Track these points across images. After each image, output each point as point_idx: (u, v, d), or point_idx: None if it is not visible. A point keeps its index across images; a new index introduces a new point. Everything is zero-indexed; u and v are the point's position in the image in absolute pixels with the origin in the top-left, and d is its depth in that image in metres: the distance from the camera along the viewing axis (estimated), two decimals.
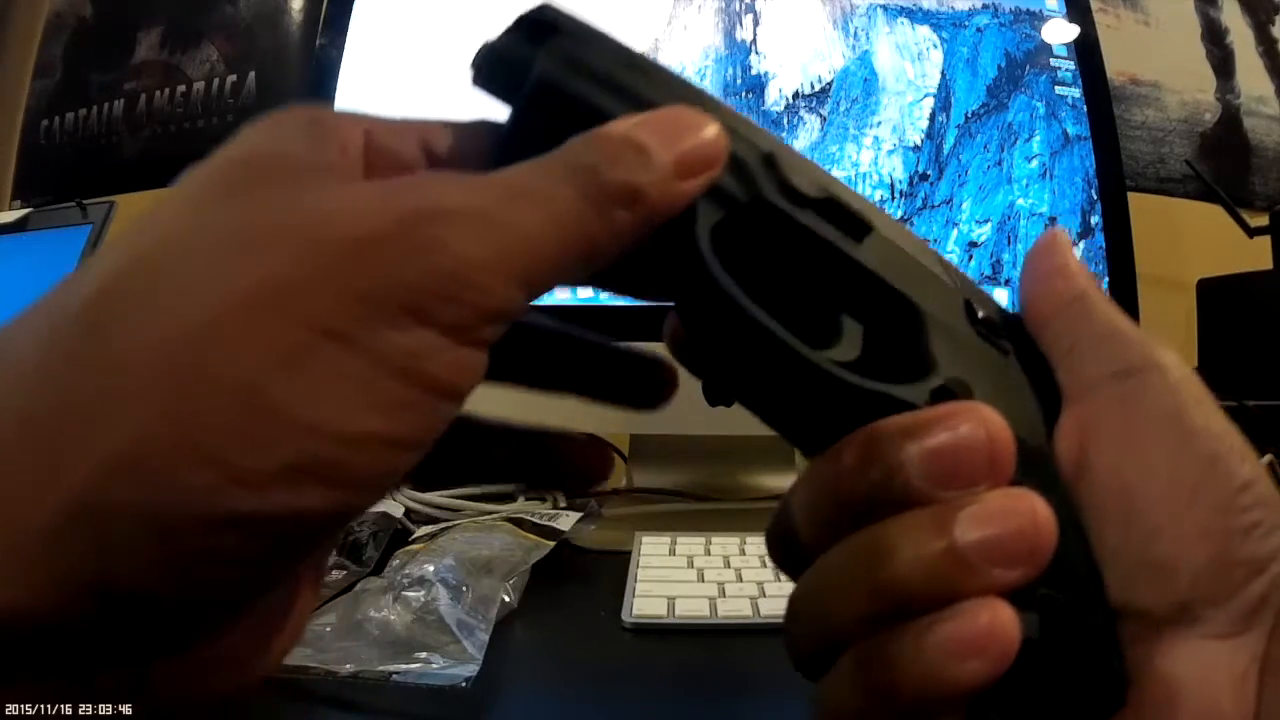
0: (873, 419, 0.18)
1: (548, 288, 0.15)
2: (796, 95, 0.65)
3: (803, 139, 0.64)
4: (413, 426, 0.14)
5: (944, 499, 0.16)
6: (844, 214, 0.19)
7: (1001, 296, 0.63)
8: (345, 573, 0.44)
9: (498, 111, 0.18)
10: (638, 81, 0.18)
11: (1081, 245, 0.65)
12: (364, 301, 0.13)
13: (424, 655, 0.35)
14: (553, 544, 0.48)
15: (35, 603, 0.12)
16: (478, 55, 0.18)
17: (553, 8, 0.18)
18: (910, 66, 0.66)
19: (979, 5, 0.68)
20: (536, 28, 0.18)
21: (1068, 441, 0.20)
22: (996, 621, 0.15)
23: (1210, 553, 0.17)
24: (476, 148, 0.18)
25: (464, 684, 0.33)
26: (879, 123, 0.65)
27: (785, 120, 0.64)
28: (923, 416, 0.17)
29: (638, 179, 0.16)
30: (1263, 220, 0.88)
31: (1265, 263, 0.85)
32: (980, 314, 0.21)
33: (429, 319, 0.14)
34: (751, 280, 0.19)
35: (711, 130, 0.17)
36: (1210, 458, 0.18)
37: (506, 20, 0.18)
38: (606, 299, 0.60)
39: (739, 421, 0.23)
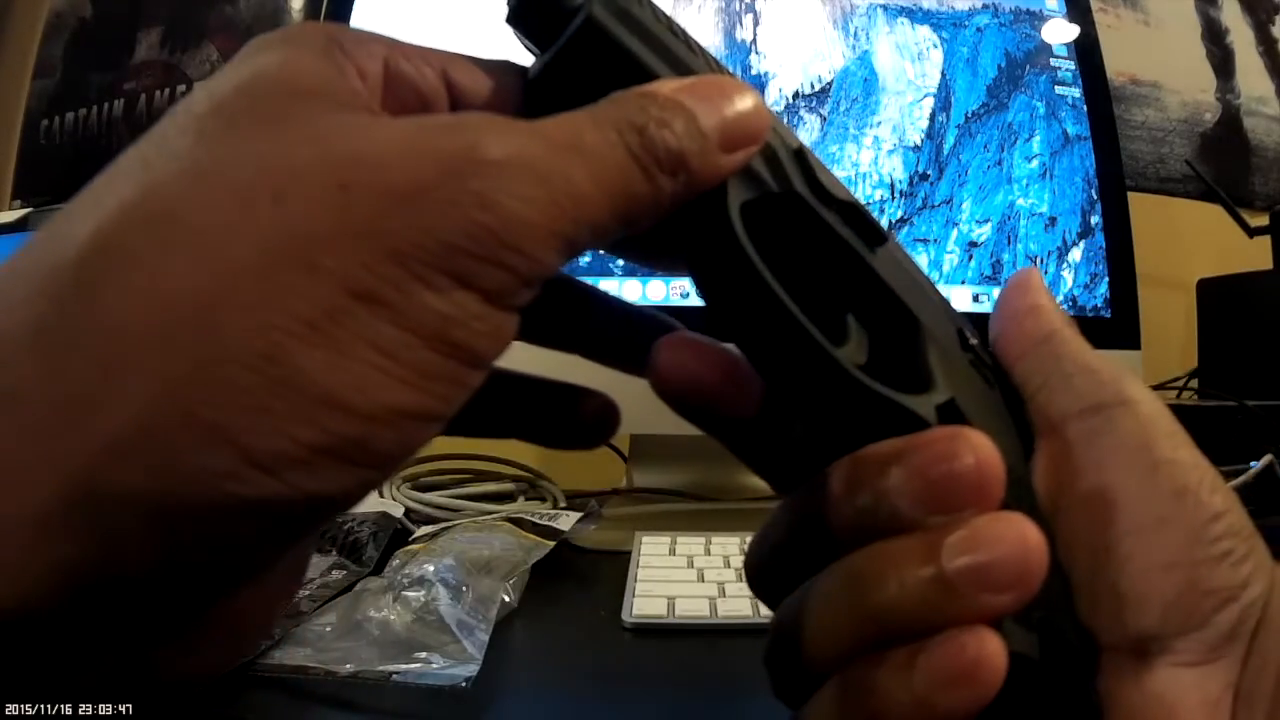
0: (880, 425, 0.17)
1: (586, 250, 0.14)
2: (796, 95, 0.65)
3: (803, 139, 0.64)
4: (440, 399, 0.13)
5: (932, 524, 0.16)
6: (864, 221, 0.20)
7: None
8: (345, 573, 0.44)
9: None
10: (680, 48, 0.17)
11: (1082, 245, 0.65)
12: (401, 260, 0.12)
13: (424, 655, 0.35)
14: (553, 544, 0.47)
15: (27, 597, 0.11)
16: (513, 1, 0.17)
17: None
18: (910, 66, 0.66)
19: (979, 5, 0.68)
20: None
21: (1039, 477, 0.20)
22: (984, 650, 0.15)
23: (1180, 583, 0.17)
24: (501, 87, 0.17)
25: (464, 684, 0.33)
26: (879, 123, 0.65)
27: (785, 120, 0.64)
28: (911, 442, 0.16)
29: (684, 146, 0.15)
30: (1263, 220, 0.88)
31: (1265, 263, 0.86)
32: (972, 342, 0.21)
33: (469, 282, 0.12)
34: (770, 265, 0.18)
35: (754, 104, 0.16)
36: (1179, 490, 0.18)
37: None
38: None
39: None
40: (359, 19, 0.64)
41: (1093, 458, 0.19)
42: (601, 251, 0.19)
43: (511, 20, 0.17)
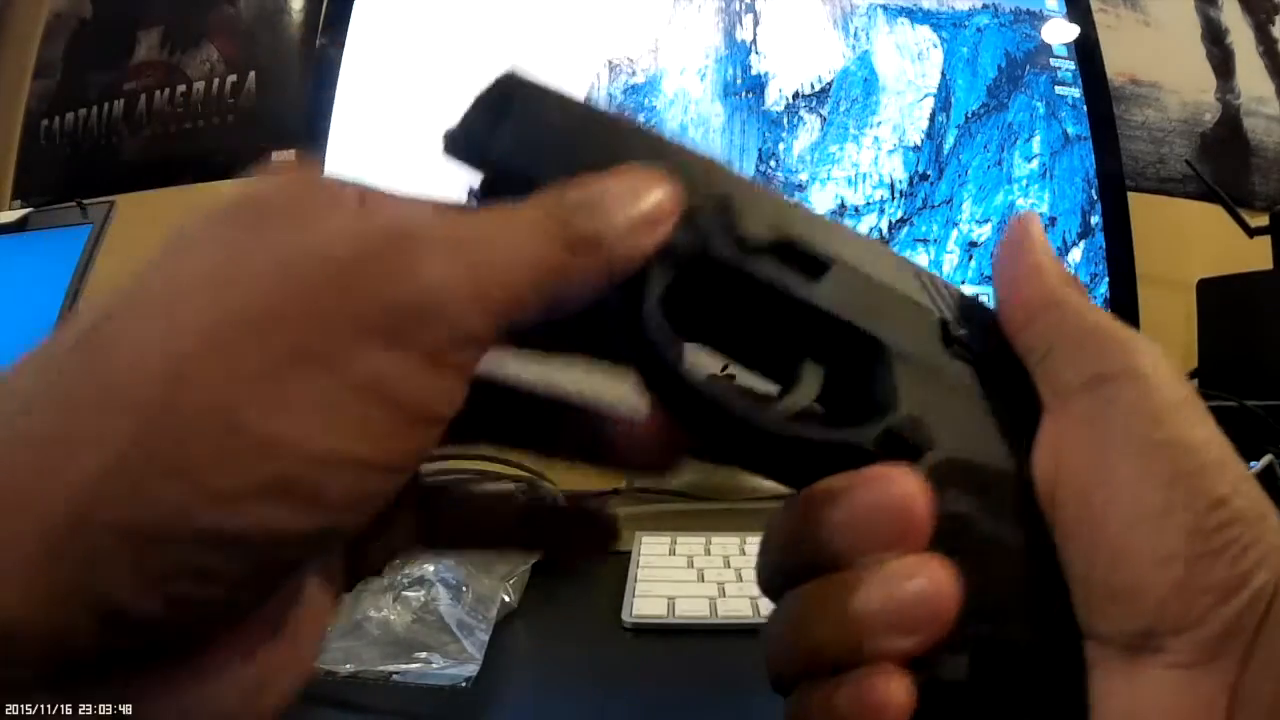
0: (822, 465, 0.18)
1: (519, 321, 0.16)
2: (796, 95, 0.65)
3: (803, 139, 0.64)
4: (387, 450, 0.14)
5: (862, 564, 0.17)
6: (799, 254, 0.20)
7: None
8: None
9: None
10: (593, 143, 0.19)
11: (1082, 245, 0.65)
12: (338, 323, 0.14)
13: (424, 655, 0.35)
14: None
15: (33, 611, 0.12)
16: (444, 135, 0.19)
17: (508, 79, 0.19)
18: (910, 66, 0.66)
19: (979, 5, 0.68)
20: (495, 104, 0.19)
21: (1044, 456, 0.19)
22: (889, 693, 0.16)
23: (1175, 579, 0.17)
24: None
25: (464, 684, 0.33)
26: (879, 123, 0.65)
27: (785, 120, 0.64)
28: (842, 483, 0.18)
29: (598, 228, 0.17)
30: (1263, 220, 0.88)
31: (1265, 263, 0.85)
32: (957, 332, 0.21)
33: (402, 342, 0.14)
34: (715, 328, 0.20)
35: (663, 192, 0.18)
36: (1176, 476, 0.17)
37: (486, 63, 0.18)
38: None
39: None
40: (357, 21, 0.64)
41: (1092, 437, 0.18)
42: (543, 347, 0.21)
43: (445, 154, 0.19)
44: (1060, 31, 0.69)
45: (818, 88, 0.65)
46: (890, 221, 0.63)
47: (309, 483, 0.13)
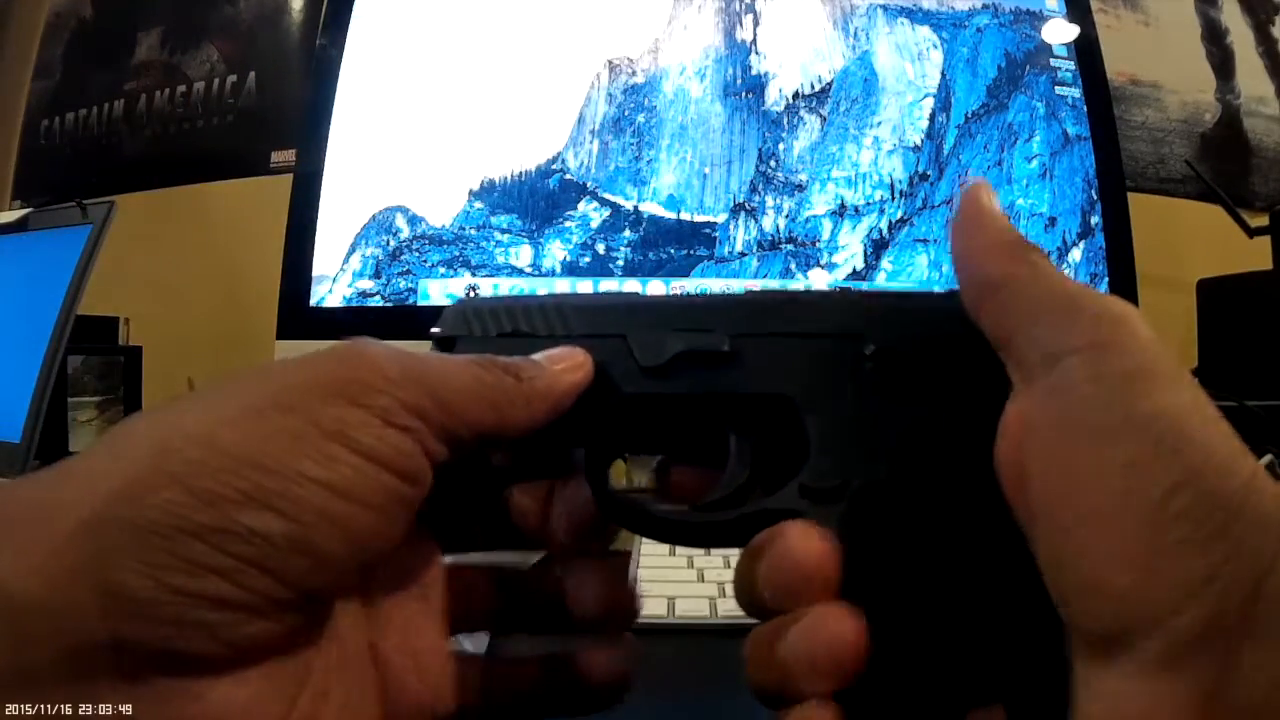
0: (753, 530, 0.20)
1: (462, 420, 0.20)
2: (796, 95, 0.65)
3: (803, 139, 0.64)
4: (347, 478, 0.17)
5: (788, 612, 0.19)
6: (701, 357, 0.22)
7: None
8: None
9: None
10: (522, 345, 0.23)
11: (1081, 245, 0.65)
12: (309, 387, 0.18)
13: None
14: None
15: (49, 591, 0.15)
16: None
17: (451, 314, 0.23)
18: (910, 66, 0.66)
19: (979, 5, 0.68)
20: (442, 343, 0.23)
21: (1008, 443, 0.18)
22: None
23: (1134, 576, 0.15)
24: None
25: None
26: (879, 123, 0.65)
27: (785, 120, 0.64)
28: (760, 541, 0.20)
29: (518, 364, 0.21)
30: (1263, 220, 0.88)
31: (1265, 263, 0.86)
32: (871, 347, 0.21)
33: (354, 401, 0.18)
34: (653, 440, 0.23)
35: (577, 356, 0.22)
36: (1132, 460, 0.16)
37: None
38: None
39: None
40: (357, 21, 0.64)
41: (1050, 421, 0.17)
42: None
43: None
44: (1060, 31, 0.69)
45: (818, 88, 0.65)
46: (890, 221, 0.63)
47: (281, 493, 0.16)
